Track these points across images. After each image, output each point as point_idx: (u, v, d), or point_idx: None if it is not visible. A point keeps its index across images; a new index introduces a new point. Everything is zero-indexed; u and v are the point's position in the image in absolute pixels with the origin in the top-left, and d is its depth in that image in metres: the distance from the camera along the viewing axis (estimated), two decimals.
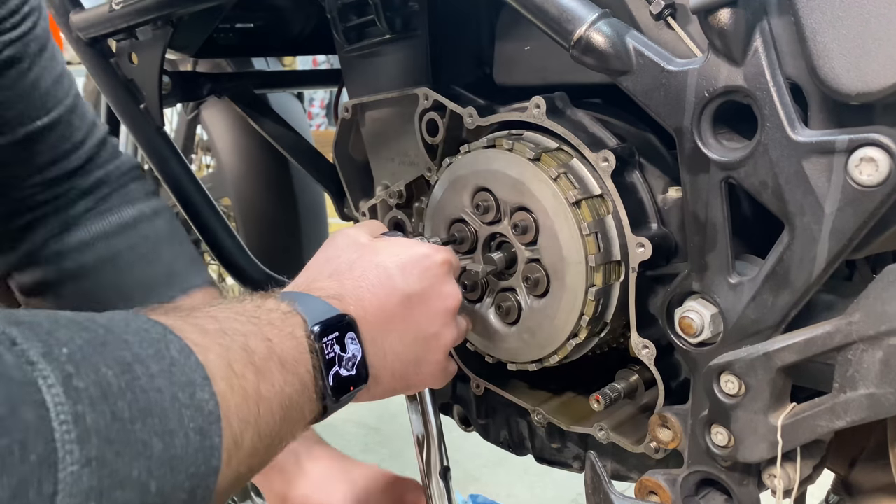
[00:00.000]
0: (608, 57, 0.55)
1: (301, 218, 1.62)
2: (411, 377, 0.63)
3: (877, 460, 0.65)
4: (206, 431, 0.42)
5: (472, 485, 1.79)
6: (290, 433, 0.52)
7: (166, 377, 0.41)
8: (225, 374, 0.45)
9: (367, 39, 0.84)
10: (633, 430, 0.71)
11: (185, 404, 0.41)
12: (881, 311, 0.47)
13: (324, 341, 0.54)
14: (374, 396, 0.62)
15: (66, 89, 0.88)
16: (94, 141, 0.92)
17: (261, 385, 0.47)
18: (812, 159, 0.48)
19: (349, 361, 0.56)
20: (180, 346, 0.44)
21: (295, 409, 0.51)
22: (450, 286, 0.65)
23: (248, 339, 0.49)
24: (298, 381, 0.51)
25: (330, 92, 5.31)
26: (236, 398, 0.45)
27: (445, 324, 0.64)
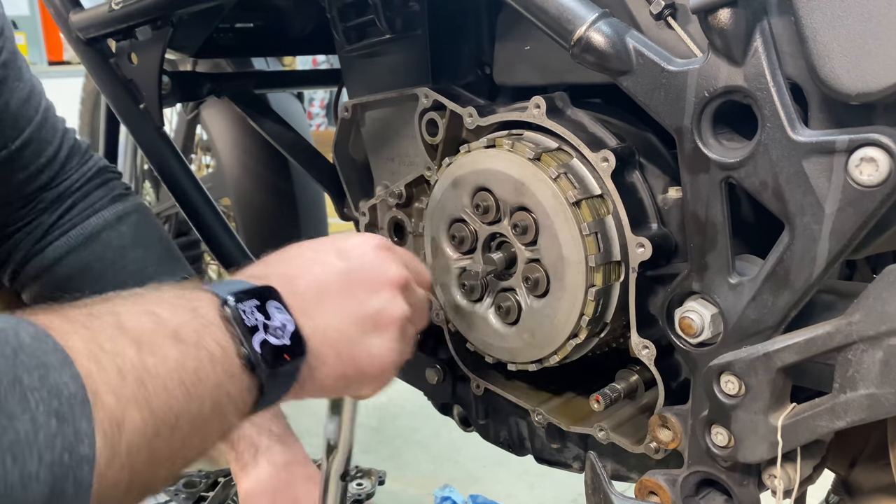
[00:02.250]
0: (608, 57, 0.55)
1: (301, 218, 1.62)
2: (361, 360, 0.57)
3: (877, 460, 0.65)
4: (66, 415, 0.37)
5: (472, 485, 1.79)
6: (213, 416, 0.47)
7: (6, 362, 0.37)
8: (90, 353, 0.40)
9: (367, 39, 0.84)
10: (633, 430, 0.71)
11: (33, 387, 0.37)
12: (881, 311, 0.47)
13: (240, 308, 0.49)
14: (323, 384, 0.55)
15: (35, 105, 0.88)
16: (66, 150, 0.93)
17: (146, 360, 0.42)
18: (812, 159, 0.48)
19: (278, 330, 0.50)
20: (34, 331, 0.39)
21: (207, 384, 0.45)
22: (392, 263, 0.60)
23: (124, 316, 0.44)
24: (205, 353, 0.46)
25: (330, 92, 5.30)
26: (108, 376, 0.40)
27: (391, 298, 0.59)
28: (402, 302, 0.59)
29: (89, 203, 0.94)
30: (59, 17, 1.08)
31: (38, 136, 0.88)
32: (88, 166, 0.96)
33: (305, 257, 0.58)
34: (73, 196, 0.93)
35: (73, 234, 0.92)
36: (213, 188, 1.59)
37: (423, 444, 2.02)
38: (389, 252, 0.61)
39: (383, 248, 0.61)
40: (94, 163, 0.97)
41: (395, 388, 0.68)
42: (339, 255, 0.58)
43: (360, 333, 0.56)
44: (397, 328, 0.58)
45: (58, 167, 0.91)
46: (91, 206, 0.94)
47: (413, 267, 0.64)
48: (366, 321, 0.57)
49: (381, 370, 0.58)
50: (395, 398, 2.16)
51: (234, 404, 0.48)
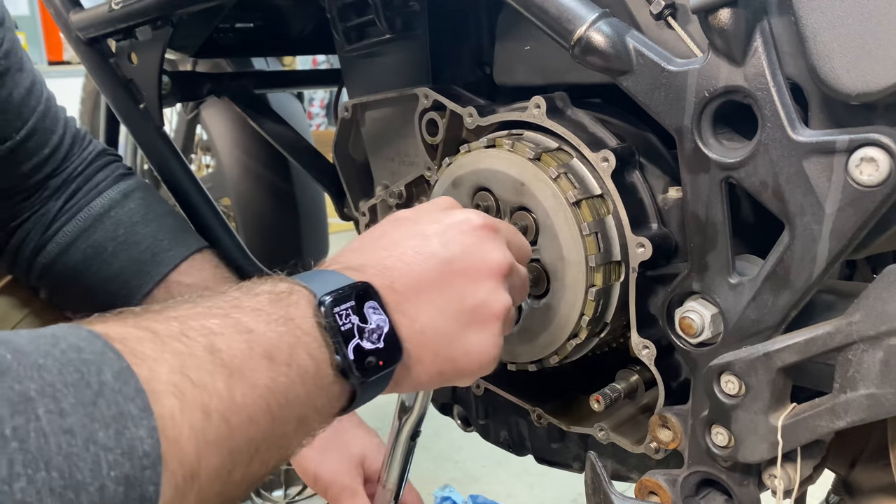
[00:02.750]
0: (608, 57, 0.55)
1: (301, 218, 1.62)
2: (459, 358, 0.53)
3: (877, 460, 0.65)
4: (136, 479, 0.34)
5: (472, 485, 1.79)
6: (297, 433, 0.45)
7: (85, 413, 0.34)
8: (175, 388, 0.38)
9: (367, 39, 0.84)
10: (634, 430, 0.71)
11: (107, 447, 0.34)
12: (881, 311, 0.47)
13: (336, 311, 0.47)
14: (419, 381, 0.53)
15: (38, 96, 0.88)
16: (69, 139, 0.92)
17: (234, 391, 0.40)
18: (812, 159, 0.48)
19: (373, 333, 0.48)
20: (118, 368, 0.36)
21: (295, 404, 0.44)
22: (496, 249, 0.56)
23: (218, 336, 0.42)
24: (296, 370, 0.44)
25: (330, 92, 5.31)
26: (191, 416, 0.38)
27: (494, 290, 0.54)
28: (504, 293, 0.55)
29: (93, 185, 0.93)
30: (59, 17, 1.08)
31: (41, 125, 0.87)
32: (89, 150, 0.95)
33: (404, 244, 0.54)
34: (76, 181, 0.92)
35: (80, 216, 0.91)
36: (213, 188, 1.59)
37: (423, 444, 2.02)
38: (492, 233, 0.56)
39: (486, 228, 0.56)
40: (94, 147, 0.96)
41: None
42: (439, 238, 0.54)
43: (458, 330, 0.53)
44: (499, 322, 0.55)
45: (62, 156, 0.91)
46: (95, 187, 0.93)
47: (516, 243, 0.60)
48: (465, 316, 0.53)
49: (480, 366, 0.55)
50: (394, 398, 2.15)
51: (321, 415, 0.47)
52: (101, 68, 1.06)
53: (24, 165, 0.87)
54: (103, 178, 0.94)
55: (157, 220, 0.94)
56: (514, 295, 0.59)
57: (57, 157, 0.90)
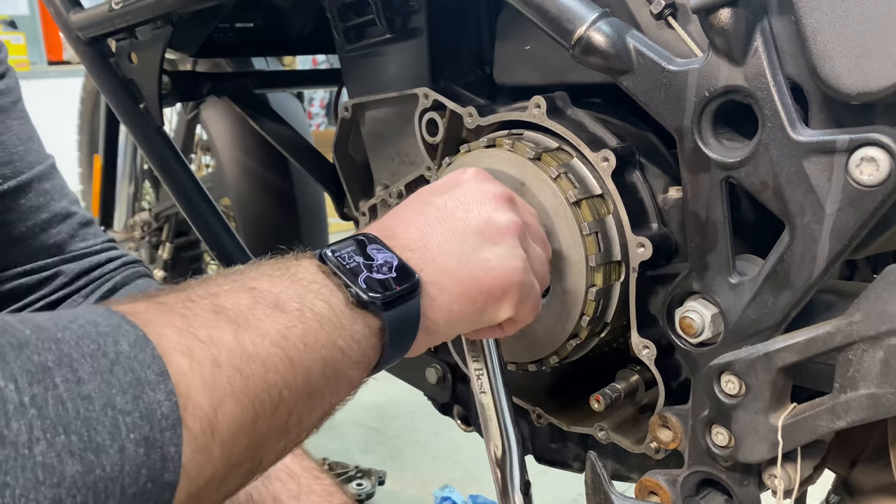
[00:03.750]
0: (608, 56, 0.55)
1: (301, 218, 1.62)
2: (481, 275, 0.53)
3: (877, 460, 0.65)
4: (155, 441, 0.35)
5: (472, 485, 1.79)
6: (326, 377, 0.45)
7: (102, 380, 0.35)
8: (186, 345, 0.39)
9: (367, 39, 0.84)
10: (634, 430, 0.71)
11: (125, 410, 0.35)
12: (882, 310, 0.47)
13: (337, 255, 0.48)
14: (451, 310, 0.52)
15: (39, 156, 0.81)
16: (77, 221, 0.85)
17: (244, 342, 0.41)
18: (812, 159, 0.48)
19: (382, 266, 0.48)
20: (135, 337, 0.37)
21: (316, 347, 0.44)
22: (491, 182, 0.57)
23: (222, 297, 0.43)
24: (310, 316, 0.44)
25: (330, 92, 5.30)
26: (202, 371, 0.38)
27: (495, 209, 0.55)
28: (508, 211, 0.55)
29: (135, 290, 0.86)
30: (58, 17, 1.08)
31: (39, 186, 0.80)
32: (120, 252, 0.88)
33: (401, 207, 0.56)
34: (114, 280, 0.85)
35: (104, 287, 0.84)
36: (213, 188, 1.59)
37: (423, 444, 2.02)
38: (486, 175, 0.59)
39: (480, 172, 0.59)
40: (125, 253, 0.90)
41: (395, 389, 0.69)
42: (433, 192, 0.56)
43: (470, 250, 0.53)
44: (511, 235, 0.55)
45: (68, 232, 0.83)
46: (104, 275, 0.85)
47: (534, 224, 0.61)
48: (473, 236, 0.53)
49: (507, 281, 0.54)
50: (394, 398, 2.16)
51: (351, 358, 0.46)
52: (101, 68, 1.06)
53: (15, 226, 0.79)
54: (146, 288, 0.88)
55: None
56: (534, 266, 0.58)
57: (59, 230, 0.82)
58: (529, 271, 0.56)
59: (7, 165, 0.78)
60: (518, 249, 0.55)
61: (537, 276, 0.58)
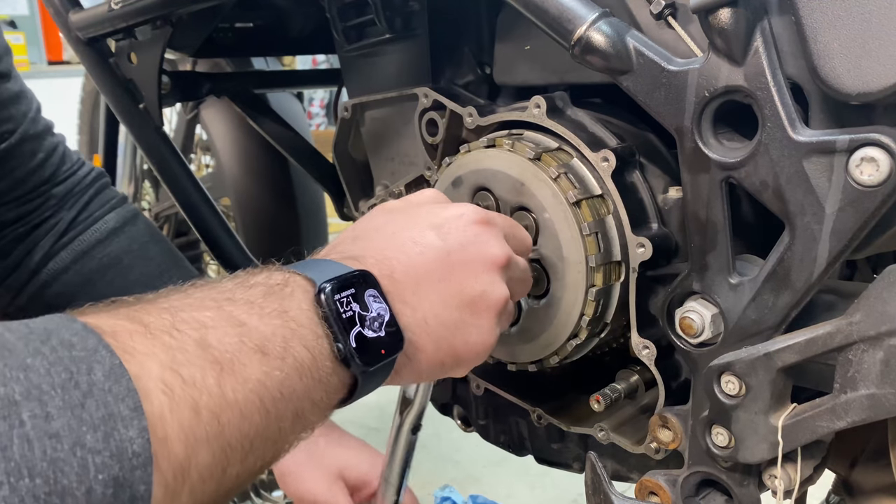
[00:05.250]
0: (608, 56, 0.55)
1: (300, 218, 1.62)
2: (459, 347, 0.54)
3: (877, 461, 0.65)
4: (125, 481, 0.34)
5: (472, 485, 1.79)
6: (294, 426, 0.44)
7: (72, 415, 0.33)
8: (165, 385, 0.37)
9: (367, 39, 0.84)
10: (634, 430, 0.70)
11: (95, 449, 0.33)
12: (882, 311, 0.47)
13: (336, 299, 0.46)
14: (420, 372, 0.53)
15: (27, 102, 0.90)
16: (62, 147, 0.95)
17: (225, 387, 0.39)
18: (813, 159, 0.48)
19: (374, 321, 0.47)
20: (110, 366, 0.35)
21: (291, 398, 0.43)
22: (494, 242, 0.56)
23: (210, 330, 0.41)
24: (291, 364, 0.43)
25: (330, 92, 5.30)
26: (181, 414, 0.37)
27: (492, 282, 0.55)
28: (502, 284, 0.56)
29: (105, 199, 0.96)
30: (58, 17, 1.08)
31: (33, 129, 0.89)
32: (88, 168, 0.98)
33: (402, 235, 0.54)
34: (87, 192, 0.95)
35: (97, 227, 0.93)
36: (213, 188, 1.59)
37: (423, 444, 2.02)
38: (489, 227, 0.57)
39: (482, 222, 0.57)
40: (91, 167, 0.99)
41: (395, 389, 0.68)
42: (436, 231, 0.55)
43: (458, 321, 0.53)
44: (496, 313, 0.55)
45: (57, 160, 0.93)
46: (108, 202, 0.97)
47: (514, 235, 0.61)
48: (465, 307, 0.54)
49: (478, 355, 0.55)
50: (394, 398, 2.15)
51: (319, 407, 0.46)
52: (101, 68, 1.06)
53: (18, 170, 0.88)
54: (112, 196, 0.98)
55: (162, 242, 0.99)
56: (515, 288, 0.59)
57: (52, 161, 0.92)
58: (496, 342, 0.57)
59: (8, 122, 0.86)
60: (497, 328, 0.56)
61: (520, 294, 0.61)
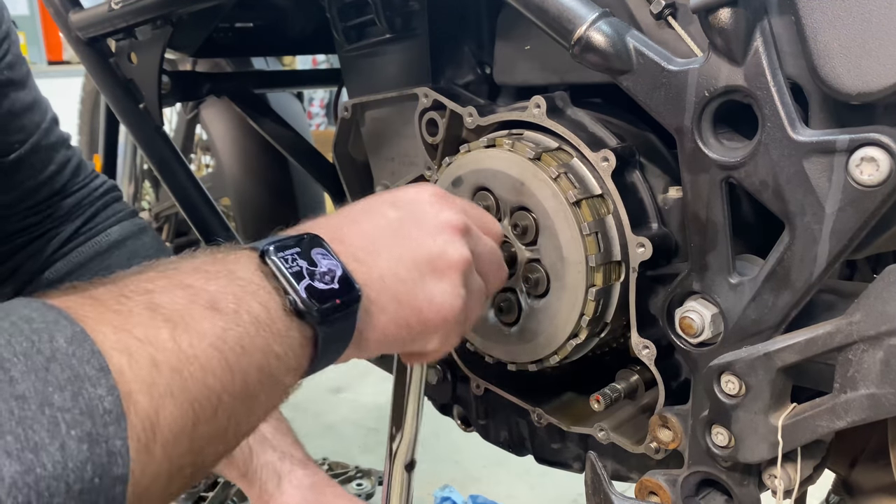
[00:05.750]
0: (608, 56, 0.55)
1: (300, 218, 1.62)
2: (423, 307, 0.52)
3: (877, 460, 0.65)
4: (99, 435, 0.35)
5: (472, 485, 1.79)
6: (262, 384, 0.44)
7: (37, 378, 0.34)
8: (121, 344, 0.38)
9: (367, 39, 0.84)
10: (634, 430, 0.71)
11: (64, 408, 0.34)
12: (882, 311, 0.47)
13: (280, 256, 0.46)
14: (386, 334, 0.51)
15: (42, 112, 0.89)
16: (75, 160, 0.94)
17: (181, 342, 0.40)
18: (813, 159, 0.48)
19: (325, 275, 0.47)
20: (72, 332, 0.36)
21: (253, 352, 0.43)
22: (450, 210, 0.56)
23: (156, 294, 0.41)
24: (246, 318, 0.43)
25: (330, 92, 5.30)
26: (140, 370, 0.38)
27: (450, 241, 0.54)
28: (461, 245, 0.55)
29: (111, 213, 0.96)
30: (58, 17, 1.08)
31: (45, 142, 0.88)
32: (101, 181, 0.98)
33: (354, 210, 0.55)
34: (94, 205, 0.95)
35: (98, 239, 0.93)
36: (213, 188, 1.59)
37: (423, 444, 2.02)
38: (445, 198, 0.57)
39: (438, 194, 0.57)
40: (105, 180, 0.99)
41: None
42: (390, 205, 0.55)
43: (418, 278, 0.52)
44: (458, 272, 0.54)
45: (68, 174, 0.92)
46: (114, 215, 0.96)
47: (474, 215, 0.60)
48: (423, 265, 0.53)
49: (444, 318, 0.54)
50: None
51: (286, 364, 0.45)
52: (101, 68, 1.06)
53: (29, 181, 0.88)
54: (119, 210, 0.97)
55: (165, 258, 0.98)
56: (483, 266, 0.58)
57: (63, 174, 0.92)
58: (465, 309, 0.56)
59: (21, 131, 0.85)
60: (461, 289, 0.54)
61: (472, 311, 0.58)
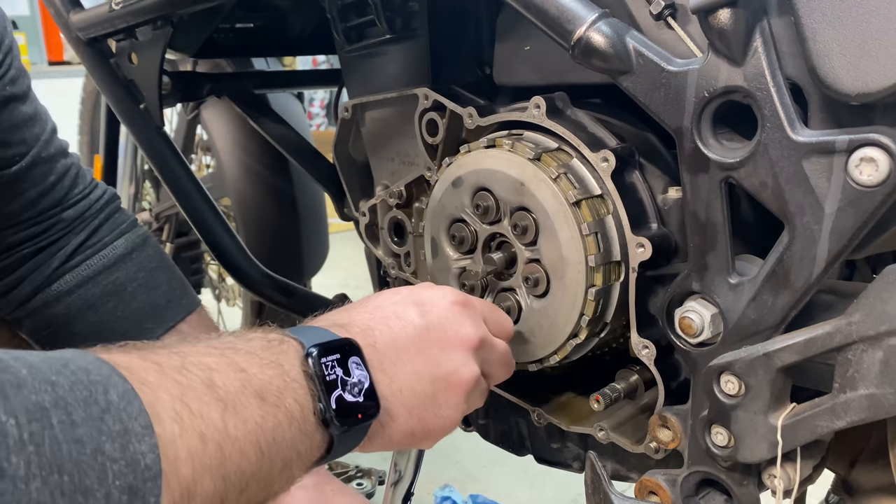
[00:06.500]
0: (608, 57, 0.55)
1: (301, 218, 1.62)
2: (429, 419, 0.58)
3: (877, 460, 0.65)
4: (138, 490, 0.37)
5: (472, 485, 1.79)
6: (281, 474, 0.48)
7: (93, 426, 0.36)
8: (176, 414, 0.41)
9: (367, 39, 0.84)
10: (633, 430, 0.71)
11: (113, 458, 0.36)
12: (881, 310, 0.47)
13: (322, 362, 0.50)
14: (391, 440, 0.57)
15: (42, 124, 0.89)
16: (74, 169, 0.93)
17: (228, 423, 0.43)
18: (812, 159, 0.48)
19: (355, 387, 0.52)
20: (123, 389, 0.39)
21: (282, 445, 0.47)
22: (469, 322, 0.61)
23: (215, 373, 0.45)
24: (283, 413, 0.47)
25: (330, 92, 5.30)
26: (189, 441, 0.41)
27: (464, 362, 0.60)
28: (473, 364, 0.60)
29: (115, 224, 0.96)
30: (59, 17, 1.08)
31: (45, 153, 0.88)
32: (102, 190, 0.97)
33: (385, 309, 0.59)
34: (98, 217, 0.94)
35: (105, 252, 0.93)
36: (214, 188, 1.59)
37: None
38: (466, 308, 0.62)
39: (460, 303, 0.62)
40: (106, 189, 0.98)
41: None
42: (417, 308, 0.60)
43: (430, 394, 0.58)
44: (465, 391, 0.60)
45: (67, 184, 0.92)
46: (118, 227, 0.96)
47: (493, 319, 0.65)
48: (438, 382, 0.58)
49: (445, 428, 0.60)
50: None
51: (302, 461, 0.49)
52: (102, 68, 1.06)
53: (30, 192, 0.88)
54: (123, 221, 0.97)
55: (170, 270, 0.98)
56: (493, 370, 0.65)
57: (63, 184, 0.91)
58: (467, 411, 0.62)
59: (22, 144, 0.85)
60: (464, 404, 0.60)
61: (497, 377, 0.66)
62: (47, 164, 0.89)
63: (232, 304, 2.04)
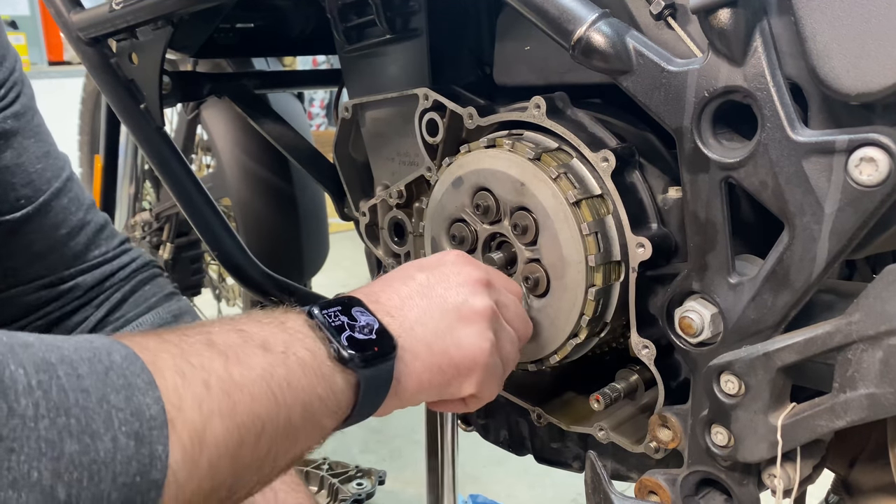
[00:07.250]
0: (608, 57, 0.55)
1: (301, 218, 1.62)
2: (452, 351, 0.57)
3: (877, 460, 0.65)
4: (145, 437, 0.38)
5: (472, 485, 1.79)
6: (305, 421, 0.47)
7: (98, 378, 0.38)
8: (178, 368, 0.42)
9: (368, 39, 0.84)
10: (633, 429, 0.71)
11: (118, 407, 0.38)
12: (881, 310, 0.47)
13: (324, 313, 0.51)
14: (421, 378, 0.56)
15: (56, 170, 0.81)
16: (93, 228, 0.85)
17: (232, 371, 0.44)
18: (812, 159, 0.48)
19: (364, 328, 0.52)
20: (125, 353, 0.41)
21: (298, 389, 0.47)
22: (472, 267, 0.62)
23: (213, 335, 0.46)
24: (294, 360, 0.47)
25: (330, 92, 5.31)
26: (194, 388, 0.42)
27: (473, 293, 0.59)
28: (484, 296, 0.60)
29: (142, 299, 0.88)
30: (59, 17, 1.08)
31: (57, 203, 0.80)
32: (131, 256, 0.89)
33: (388, 277, 0.61)
34: (123, 288, 0.86)
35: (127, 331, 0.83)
36: (214, 188, 1.59)
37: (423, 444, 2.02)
38: (467, 259, 0.63)
39: (461, 256, 0.63)
40: (138, 255, 0.90)
41: None
42: (418, 268, 0.61)
43: (446, 326, 0.57)
44: (484, 320, 0.59)
45: (84, 241, 0.83)
46: (145, 301, 0.88)
47: (496, 274, 0.65)
48: (450, 314, 0.58)
49: (474, 359, 0.58)
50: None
51: (327, 406, 0.49)
52: (102, 68, 1.06)
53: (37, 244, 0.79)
54: (152, 294, 0.89)
55: None
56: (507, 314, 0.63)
57: (78, 241, 0.83)
58: (496, 353, 0.60)
59: (27, 186, 0.78)
60: (488, 332, 0.59)
61: (506, 357, 0.62)
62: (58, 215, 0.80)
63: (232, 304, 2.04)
